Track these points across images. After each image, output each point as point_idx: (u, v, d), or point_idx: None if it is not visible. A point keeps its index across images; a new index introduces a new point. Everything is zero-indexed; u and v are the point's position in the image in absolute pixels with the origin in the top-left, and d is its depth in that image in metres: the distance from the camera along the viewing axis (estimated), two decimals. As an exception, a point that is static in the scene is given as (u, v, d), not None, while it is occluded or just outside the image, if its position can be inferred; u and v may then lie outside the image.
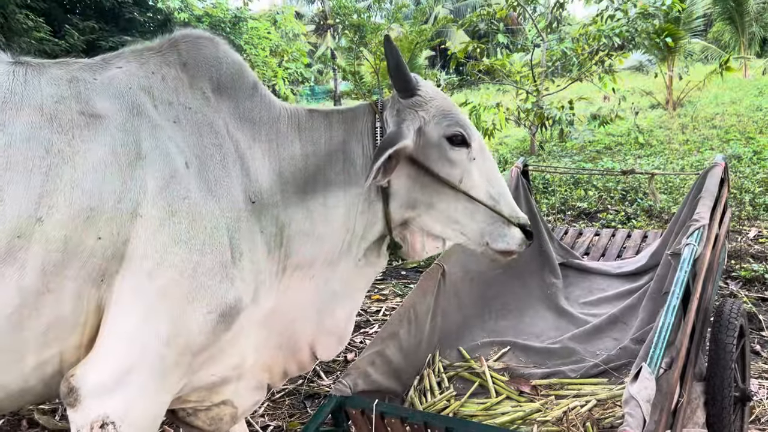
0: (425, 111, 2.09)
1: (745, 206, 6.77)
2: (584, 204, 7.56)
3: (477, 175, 2.12)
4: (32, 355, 1.66)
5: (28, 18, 8.47)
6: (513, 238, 2.15)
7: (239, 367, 2.07)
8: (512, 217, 2.14)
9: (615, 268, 4.06)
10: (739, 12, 21.75)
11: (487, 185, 2.13)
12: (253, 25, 12.57)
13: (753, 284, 4.86)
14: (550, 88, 12.19)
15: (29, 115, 1.61)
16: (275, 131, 2.03)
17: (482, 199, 2.11)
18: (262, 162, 1.97)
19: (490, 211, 2.12)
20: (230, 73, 2.00)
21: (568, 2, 11.31)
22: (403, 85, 2.08)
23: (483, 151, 2.16)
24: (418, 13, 15.24)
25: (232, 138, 1.92)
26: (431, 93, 2.13)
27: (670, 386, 2.09)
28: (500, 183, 2.18)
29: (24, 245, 1.54)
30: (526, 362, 3.19)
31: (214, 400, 2.10)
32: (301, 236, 2.05)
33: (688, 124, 13.41)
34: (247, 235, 1.87)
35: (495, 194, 2.14)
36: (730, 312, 2.69)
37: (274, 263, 2.01)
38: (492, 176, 2.16)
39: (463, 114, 2.18)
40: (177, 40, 1.96)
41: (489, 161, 2.18)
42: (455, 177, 2.09)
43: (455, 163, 2.09)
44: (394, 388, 2.79)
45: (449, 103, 2.15)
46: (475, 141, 2.12)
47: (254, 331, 2.05)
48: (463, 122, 2.12)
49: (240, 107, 1.99)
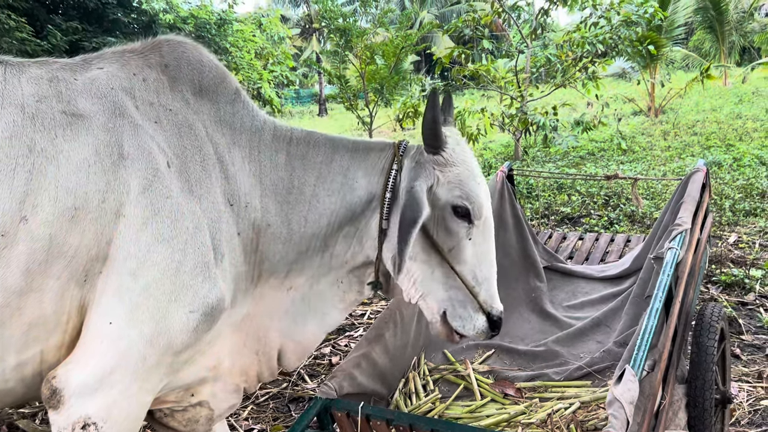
0: (442, 173, 2.06)
1: (726, 212, 6.86)
2: (568, 209, 7.62)
3: (469, 252, 2.07)
4: (13, 355, 1.65)
5: (10, 18, 8.38)
6: (476, 325, 2.10)
7: (215, 368, 2.09)
8: (486, 303, 2.09)
9: (598, 272, 4.10)
10: (719, 21, 22.12)
11: (475, 265, 2.08)
12: (238, 27, 12.53)
13: (733, 289, 4.92)
14: (534, 94, 12.28)
15: (11, 113, 1.61)
16: (257, 138, 2.04)
17: (465, 275, 2.07)
18: (241, 166, 1.98)
19: (467, 291, 2.07)
20: (212, 77, 2.02)
21: (552, 9, 11.40)
22: (431, 140, 2.05)
23: (485, 232, 2.10)
24: (404, 18, 15.20)
25: (212, 140, 1.94)
26: (456, 158, 2.08)
27: (653, 388, 2.11)
28: (490, 269, 2.11)
29: (8, 243, 1.53)
30: (511, 365, 3.20)
31: (192, 401, 2.11)
32: (276, 243, 2.06)
33: (670, 131, 13.57)
34: (226, 237, 1.89)
35: (480, 277, 2.08)
36: (711, 316, 2.72)
37: (250, 267, 2.03)
38: (484, 259, 2.09)
39: (484, 192, 2.11)
40: (160, 43, 1.98)
41: (488, 245, 2.11)
42: (446, 245, 2.07)
43: (451, 233, 2.06)
44: (379, 391, 2.79)
45: (471, 173, 2.09)
46: (479, 220, 2.07)
47: (230, 333, 2.07)
48: (474, 198, 2.06)
49: (221, 111, 2.00)
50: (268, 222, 2.02)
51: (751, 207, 6.98)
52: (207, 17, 11.49)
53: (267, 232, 2.03)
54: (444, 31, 12.37)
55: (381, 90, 14.65)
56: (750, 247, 5.83)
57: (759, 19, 27.27)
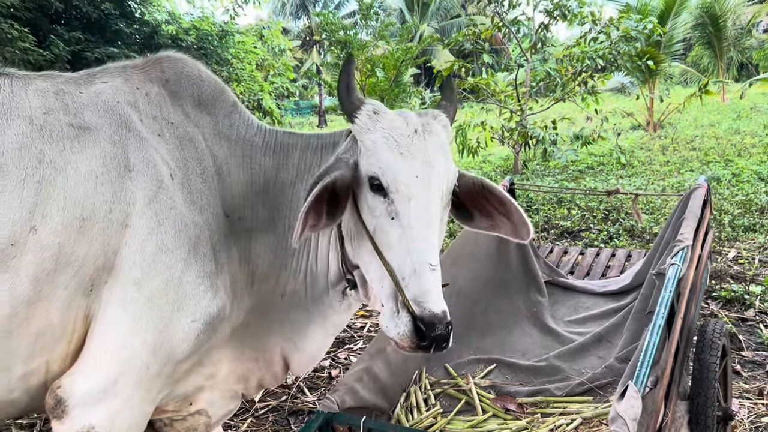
0: (362, 141, 1.83)
1: (725, 227, 6.88)
2: (567, 223, 7.63)
3: (394, 235, 1.71)
4: (19, 364, 1.67)
5: (12, 27, 8.39)
6: (398, 324, 1.66)
7: (213, 376, 2.11)
8: (413, 301, 1.63)
9: (600, 287, 4.11)
10: (717, 37, 22.25)
11: (402, 253, 1.69)
12: (239, 39, 12.56)
13: (733, 304, 4.93)
14: (533, 108, 12.35)
15: (19, 125, 1.65)
16: (250, 146, 2.07)
17: (391, 263, 1.70)
18: (237, 176, 2.01)
19: (393, 284, 1.68)
20: (210, 91, 2.07)
21: (552, 24, 11.48)
22: (343, 106, 1.88)
23: (415, 213, 1.71)
24: (404, 31, 15.32)
25: (211, 152, 1.98)
26: (372, 123, 1.82)
27: (656, 405, 2.11)
28: (421, 259, 1.67)
29: (18, 253, 1.56)
30: (512, 380, 3.20)
31: (190, 410, 2.13)
32: (266, 250, 2.06)
33: (669, 146, 13.62)
34: (225, 247, 1.92)
35: (407, 267, 1.67)
36: (713, 332, 2.73)
37: (245, 275, 2.04)
38: (414, 248, 1.68)
39: (406, 162, 1.75)
40: (160, 59, 2.03)
41: (419, 229, 1.70)
42: (370, 225, 1.79)
43: (372, 210, 1.78)
44: (381, 405, 2.78)
45: (387, 139, 1.78)
46: (396, 195, 1.72)
47: (226, 341, 2.08)
48: (387, 167, 1.74)
49: (219, 123, 2.04)
50: (258, 229, 2.04)
51: (751, 223, 7.00)
52: (209, 29, 11.51)
53: (257, 239, 2.04)
54: (444, 45, 12.43)
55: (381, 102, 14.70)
56: (749, 262, 5.84)
57: (757, 36, 27.46)
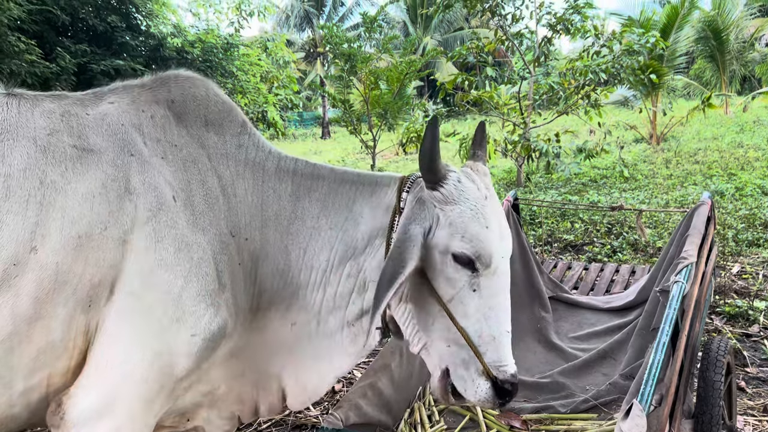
0: (443, 211, 1.87)
1: (729, 242, 6.86)
2: (570, 236, 7.63)
3: (473, 305, 1.84)
4: (20, 381, 1.68)
5: (19, 40, 8.48)
6: (477, 390, 1.84)
7: (211, 393, 2.11)
8: (492, 366, 1.81)
9: (604, 303, 4.11)
10: (720, 51, 22.34)
11: (480, 321, 1.83)
12: (244, 51, 12.66)
13: (737, 320, 4.90)
14: (536, 121, 12.39)
15: (24, 146, 1.68)
16: (261, 170, 2.06)
17: (468, 332, 1.83)
18: (243, 197, 2.01)
19: (470, 350, 1.83)
20: (217, 111, 2.07)
21: (555, 37, 11.54)
22: (427, 173, 1.87)
23: (496, 284, 1.86)
24: (408, 44, 15.38)
25: (216, 173, 1.99)
26: (459, 194, 1.86)
27: (660, 423, 2.10)
28: (499, 327, 1.84)
29: (19, 273, 1.58)
30: (517, 396, 3.19)
31: (187, 426, 2.14)
32: (275, 274, 2.05)
33: (672, 159, 13.63)
34: (228, 268, 1.92)
35: (486, 335, 1.82)
36: (717, 349, 2.72)
37: (249, 297, 2.04)
38: (492, 315, 1.83)
39: (495, 237, 1.86)
40: (168, 78, 2.05)
41: (498, 299, 1.85)
42: (446, 295, 1.86)
43: (452, 282, 1.85)
44: (385, 421, 2.78)
45: (475, 213, 1.86)
46: (486, 269, 1.84)
47: (226, 360, 2.08)
48: (479, 243, 1.83)
49: (227, 144, 2.05)
50: (267, 252, 2.03)
51: (754, 237, 6.99)
52: (214, 41, 11.61)
53: (265, 262, 2.03)
54: (447, 58, 12.50)
55: (384, 114, 14.79)
56: (753, 278, 5.83)
57: (759, 49, 27.53)
